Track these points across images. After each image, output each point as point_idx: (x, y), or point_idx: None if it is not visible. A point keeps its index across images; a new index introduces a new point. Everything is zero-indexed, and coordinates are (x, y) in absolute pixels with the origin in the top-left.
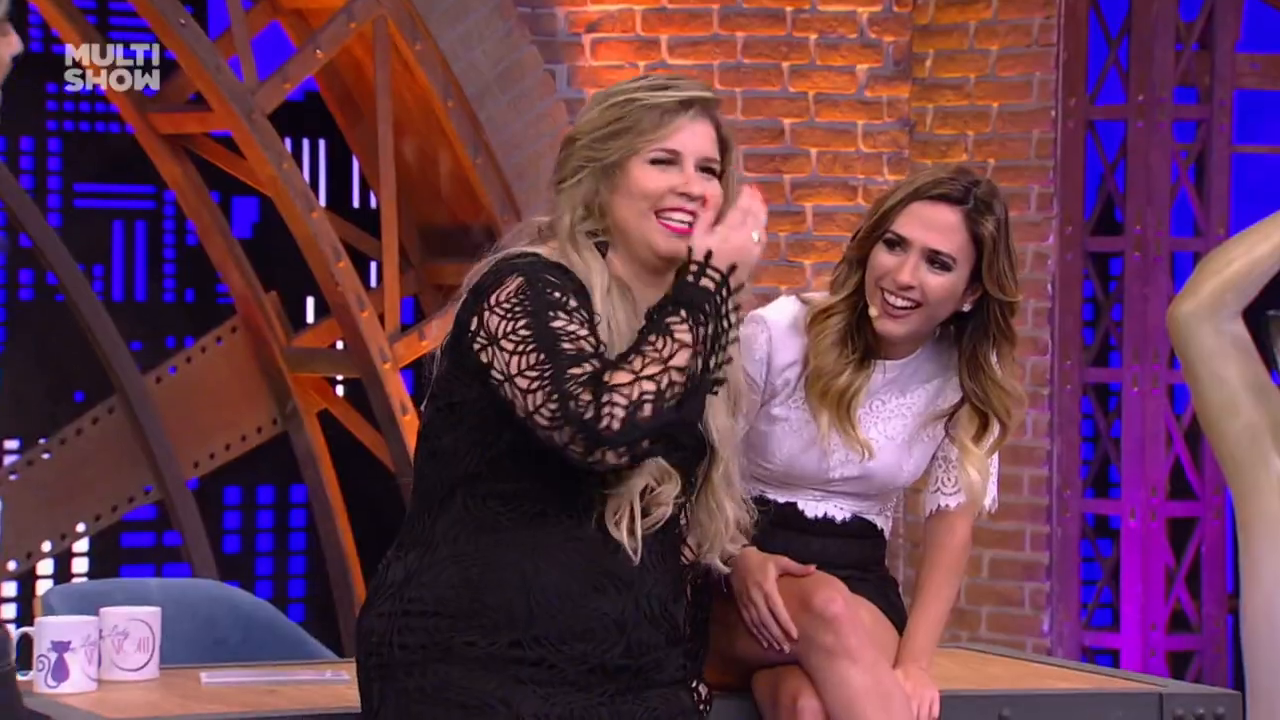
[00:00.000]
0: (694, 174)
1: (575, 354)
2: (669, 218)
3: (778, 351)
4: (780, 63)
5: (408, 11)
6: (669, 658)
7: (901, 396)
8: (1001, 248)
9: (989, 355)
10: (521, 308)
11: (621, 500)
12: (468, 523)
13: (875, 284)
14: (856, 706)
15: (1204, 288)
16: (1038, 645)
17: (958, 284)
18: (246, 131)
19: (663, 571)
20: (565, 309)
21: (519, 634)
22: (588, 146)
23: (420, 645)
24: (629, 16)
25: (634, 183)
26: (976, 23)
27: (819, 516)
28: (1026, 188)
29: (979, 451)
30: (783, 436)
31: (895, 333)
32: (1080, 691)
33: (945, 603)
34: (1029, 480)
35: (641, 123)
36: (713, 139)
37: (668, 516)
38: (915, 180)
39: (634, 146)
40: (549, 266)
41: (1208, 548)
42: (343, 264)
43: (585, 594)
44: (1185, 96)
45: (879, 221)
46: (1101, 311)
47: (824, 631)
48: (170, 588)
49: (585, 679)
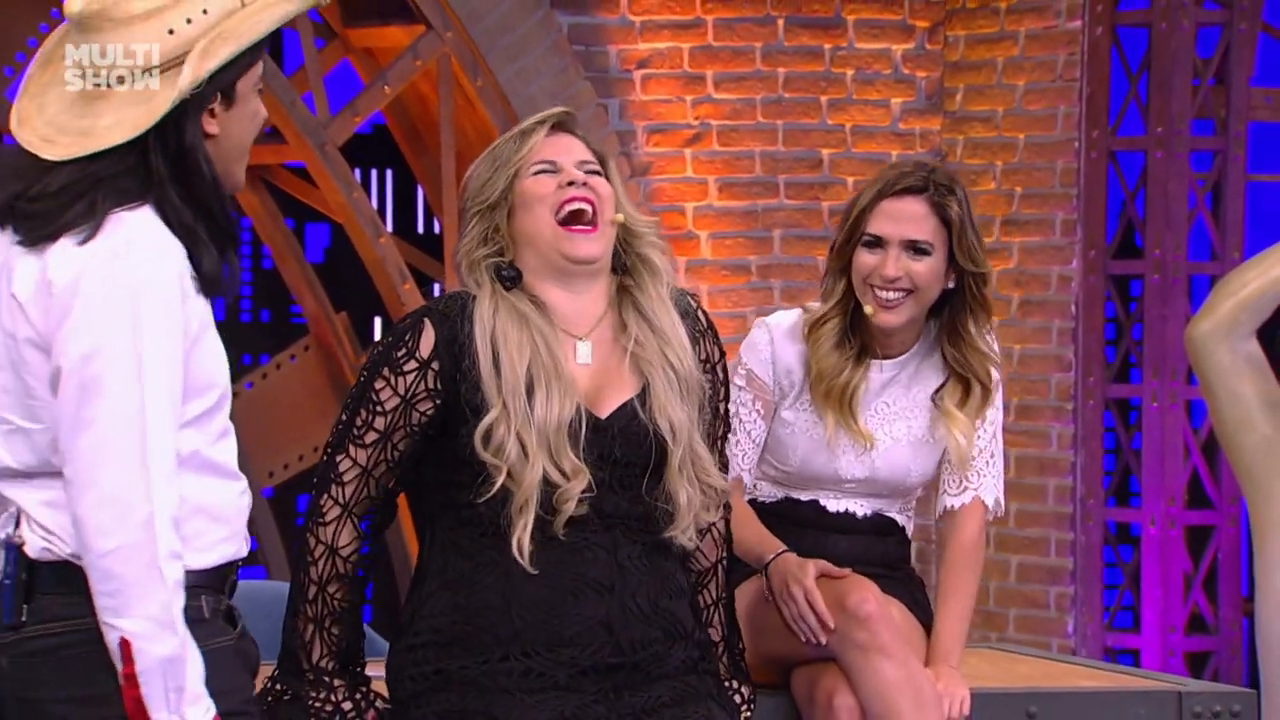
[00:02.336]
0: (576, 171)
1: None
2: (570, 216)
3: (779, 353)
4: (819, 97)
5: (470, 49)
6: (670, 651)
7: (905, 399)
8: (968, 224)
9: (967, 324)
10: (349, 409)
11: (518, 503)
12: (448, 551)
13: (864, 283)
14: (890, 699)
15: (1220, 308)
16: (1062, 646)
17: (939, 265)
18: (319, 162)
19: (647, 570)
20: (360, 440)
21: (507, 649)
22: (475, 199)
23: (424, 676)
24: (677, 54)
25: (526, 195)
26: (1004, 59)
27: (841, 512)
28: (1051, 214)
29: (963, 416)
30: (794, 440)
31: (894, 323)
32: (1103, 690)
33: (966, 599)
34: (1054, 490)
35: (508, 151)
36: (583, 148)
37: (583, 514)
38: (878, 182)
39: (511, 172)
40: (425, 323)
41: (1224, 554)
42: (408, 285)
43: (564, 601)
44: (1202, 128)
45: (853, 227)
46: (1123, 331)
47: (858, 630)
48: (247, 589)
49: (577, 681)
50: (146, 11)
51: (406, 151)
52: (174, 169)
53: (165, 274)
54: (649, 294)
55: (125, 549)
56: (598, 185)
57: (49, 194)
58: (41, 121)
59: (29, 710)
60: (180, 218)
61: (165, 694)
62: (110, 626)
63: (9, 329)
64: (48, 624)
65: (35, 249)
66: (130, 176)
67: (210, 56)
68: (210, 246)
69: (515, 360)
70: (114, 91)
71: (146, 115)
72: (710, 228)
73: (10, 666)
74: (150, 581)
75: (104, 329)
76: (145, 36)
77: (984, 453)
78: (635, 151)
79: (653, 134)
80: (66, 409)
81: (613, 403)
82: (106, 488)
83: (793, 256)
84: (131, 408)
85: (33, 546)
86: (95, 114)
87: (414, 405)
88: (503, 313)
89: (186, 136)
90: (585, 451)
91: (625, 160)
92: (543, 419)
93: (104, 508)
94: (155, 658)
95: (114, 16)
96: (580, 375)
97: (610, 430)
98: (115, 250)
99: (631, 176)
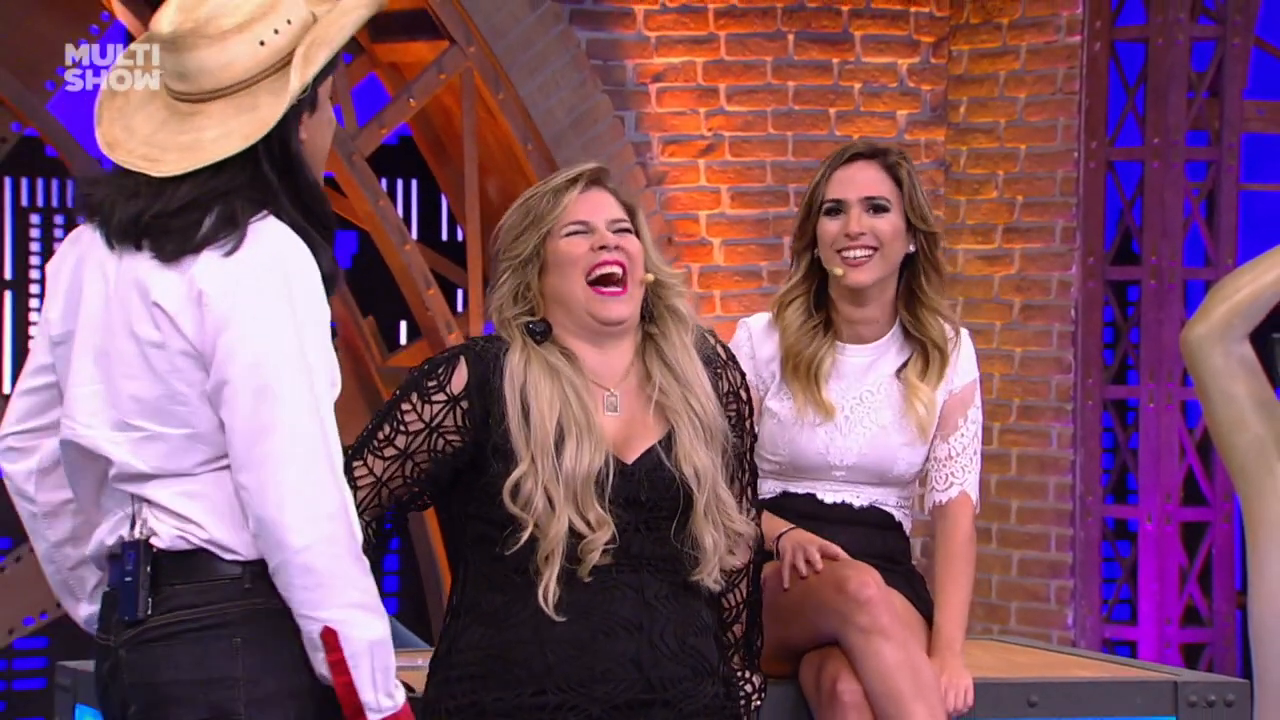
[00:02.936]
0: (608, 233)
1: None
2: (601, 279)
3: (758, 348)
4: (828, 109)
5: (492, 64)
6: (699, 688)
7: (889, 386)
8: (916, 184)
9: (922, 284)
10: (375, 421)
11: (544, 553)
12: (482, 586)
13: (830, 249)
14: (890, 679)
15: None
16: (1062, 637)
17: (899, 223)
18: (347, 172)
19: (675, 609)
20: (379, 453)
21: (542, 683)
22: (507, 251)
23: (459, 708)
24: (691, 68)
25: (559, 257)
26: (1006, 73)
27: (837, 503)
28: (1052, 222)
29: (924, 386)
30: (779, 428)
31: (864, 281)
32: (1101, 680)
33: (963, 590)
34: (1054, 487)
35: (542, 209)
36: (614, 203)
37: (608, 563)
38: (828, 159)
39: (544, 229)
40: (461, 361)
41: (1218, 549)
42: (433, 291)
43: (595, 639)
44: (1197, 140)
45: (810, 201)
46: (1120, 334)
47: (860, 613)
48: None
49: (610, 715)
50: (238, 25)
51: (431, 162)
52: (282, 176)
53: (313, 277)
54: (673, 343)
55: (320, 543)
56: (628, 245)
57: (177, 210)
58: (136, 143)
59: (150, 694)
60: (294, 222)
61: (373, 675)
62: (310, 619)
63: (153, 339)
64: (173, 612)
65: (174, 263)
66: (253, 187)
67: (311, 63)
68: (323, 246)
69: (546, 415)
70: (209, 107)
71: (256, 125)
72: (723, 235)
73: (132, 655)
74: (349, 570)
75: (266, 336)
76: (238, 50)
77: (968, 450)
78: (651, 162)
79: (668, 145)
80: (240, 418)
81: (638, 448)
82: (293, 487)
83: None
84: (306, 407)
85: (164, 538)
86: (196, 128)
87: (439, 433)
88: (534, 366)
89: (292, 145)
90: (612, 496)
91: (641, 170)
92: (571, 470)
93: (294, 507)
94: (363, 642)
95: (207, 33)
96: (609, 425)
97: (636, 475)
98: (265, 259)
99: (647, 186)
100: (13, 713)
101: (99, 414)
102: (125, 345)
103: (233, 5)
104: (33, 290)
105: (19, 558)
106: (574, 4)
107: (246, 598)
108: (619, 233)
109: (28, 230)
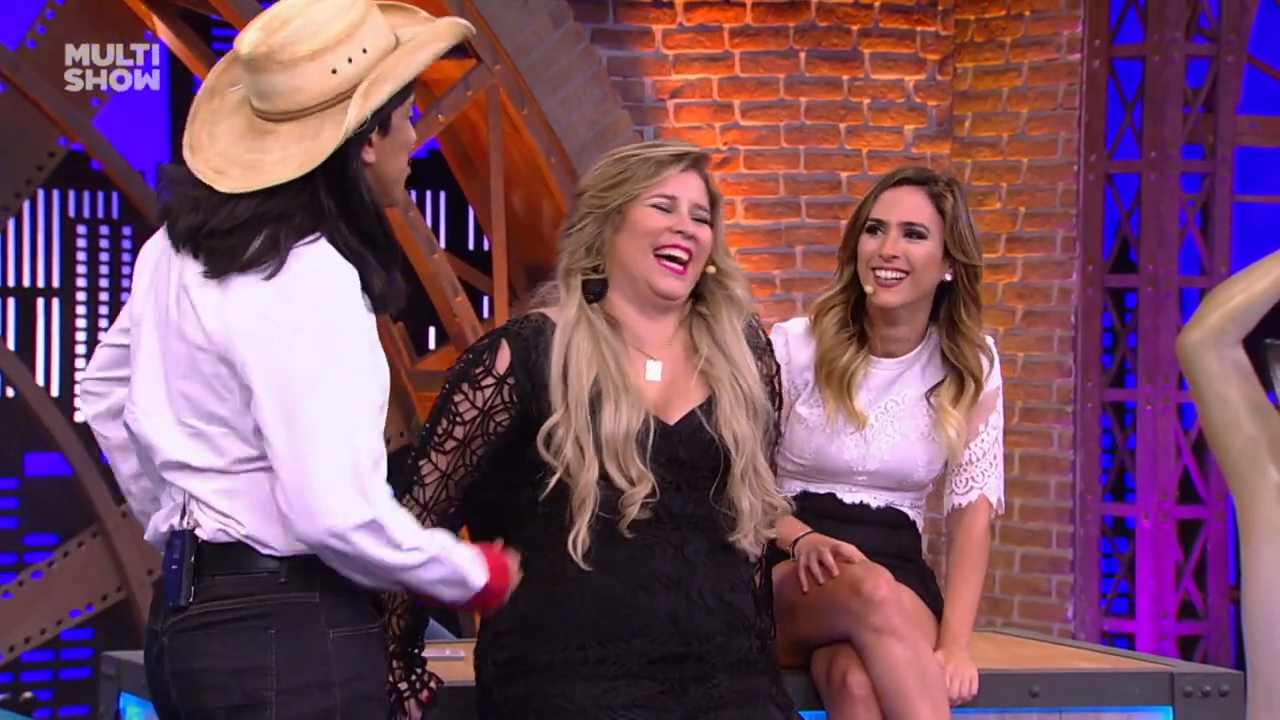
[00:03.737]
0: (688, 218)
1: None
2: (666, 255)
3: (794, 354)
4: (838, 124)
5: (516, 81)
6: (733, 643)
7: (914, 398)
8: (962, 216)
9: (961, 314)
10: (431, 418)
11: (576, 502)
12: (527, 546)
13: (866, 267)
14: (899, 677)
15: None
16: (1063, 630)
17: (935, 251)
18: None
19: (713, 566)
20: (441, 448)
21: (583, 638)
22: (593, 196)
23: (505, 661)
24: (707, 85)
25: (636, 223)
26: (1009, 89)
27: (856, 503)
28: (1053, 232)
29: (955, 412)
30: (807, 434)
31: (892, 302)
32: (1100, 671)
33: (974, 588)
34: (1055, 486)
35: (640, 172)
36: (703, 190)
37: (648, 517)
38: (882, 179)
39: (633, 193)
40: (502, 343)
41: (1212, 545)
42: (460, 298)
43: (634, 594)
44: (1192, 153)
45: (856, 218)
46: (1119, 339)
47: (872, 613)
48: None
49: (647, 670)
50: (312, 52)
51: (458, 175)
52: (340, 203)
53: (346, 295)
54: (724, 325)
55: (349, 545)
56: (701, 235)
57: (231, 229)
58: (213, 151)
59: (189, 680)
60: (350, 245)
61: (452, 592)
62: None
63: (199, 343)
64: (214, 601)
65: (219, 280)
66: (305, 213)
67: (372, 97)
68: (378, 268)
69: (584, 373)
70: (280, 128)
71: (312, 154)
72: (737, 245)
73: (173, 643)
74: (386, 557)
75: (289, 352)
76: (308, 77)
77: (988, 455)
78: None
79: None
80: (269, 427)
81: (680, 410)
82: (318, 494)
83: (813, 271)
84: (325, 416)
85: (207, 529)
86: (263, 149)
87: (491, 416)
88: (581, 327)
89: (350, 171)
90: (653, 455)
91: None
92: (611, 430)
93: (320, 521)
94: (429, 582)
95: (281, 59)
96: (649, 389)
97: (678, 435)
98: (298, 283)
99: None
100: (60, 701)
101: (156, 404)
102: (178, 345)
103: (310, 31)
104: (79, 299)
105: (66, 553)
106: (595, 23)
107: (282, 591)
108: (697, 220)
109: (74, 241)
